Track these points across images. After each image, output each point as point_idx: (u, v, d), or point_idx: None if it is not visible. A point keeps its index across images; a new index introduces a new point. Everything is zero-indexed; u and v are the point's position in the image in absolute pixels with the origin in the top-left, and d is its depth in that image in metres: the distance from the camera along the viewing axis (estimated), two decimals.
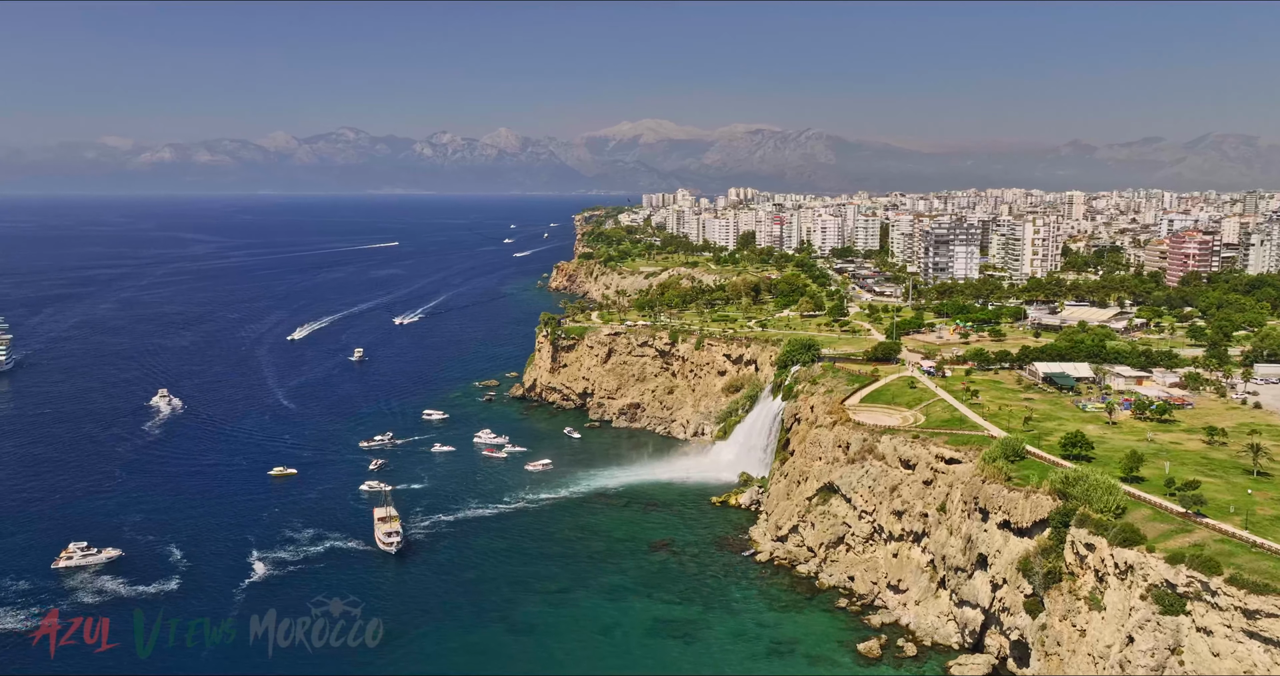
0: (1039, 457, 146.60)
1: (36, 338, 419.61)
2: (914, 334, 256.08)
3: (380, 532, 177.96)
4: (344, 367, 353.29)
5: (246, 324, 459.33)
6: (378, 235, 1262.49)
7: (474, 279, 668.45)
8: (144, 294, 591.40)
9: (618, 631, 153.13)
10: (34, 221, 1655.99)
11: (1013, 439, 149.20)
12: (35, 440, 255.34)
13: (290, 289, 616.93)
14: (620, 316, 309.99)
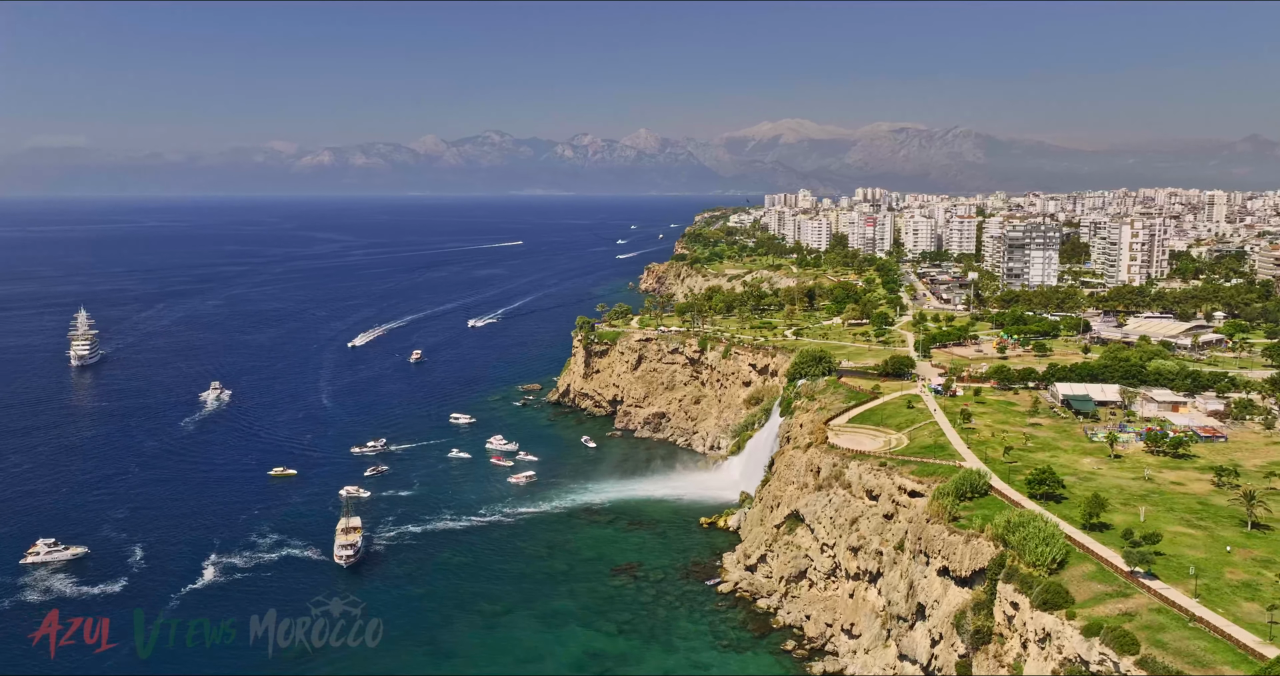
0: (1002, 495, 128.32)
1: (134, 332, 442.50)
2: (951, 347, 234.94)
3: (337, 544, 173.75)
4: (399, 369, 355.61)
5: (329, 322, 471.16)
6: (504, 235, 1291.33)
7: (570, 280, 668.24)
8: (252, 291, 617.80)
9: (543, 662, 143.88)
10: (189, 221, 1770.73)
11: (973, 473, 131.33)
12: (77, 432, 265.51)
13: (390, 288, 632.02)
14: (656, 321, 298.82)
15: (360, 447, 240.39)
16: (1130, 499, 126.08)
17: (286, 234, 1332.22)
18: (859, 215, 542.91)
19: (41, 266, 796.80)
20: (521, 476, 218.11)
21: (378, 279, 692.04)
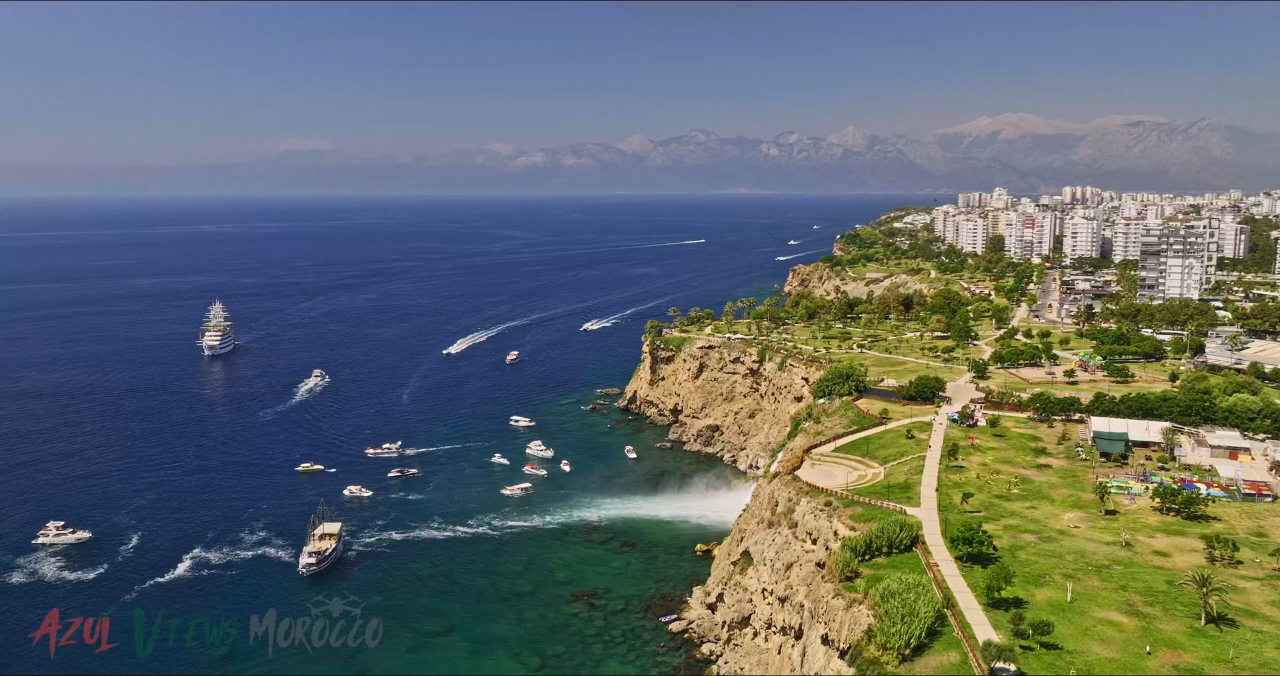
0: (925, 555, 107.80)
1: (278, 323, 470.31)
2: (1022, 367, 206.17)
3: (305, 551, 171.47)
4: (493, 368, 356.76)
5: (459, 318, 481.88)
6: (688, 233, 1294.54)
7: (718, 281, 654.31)
8: (408, 286, 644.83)
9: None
10: (397, 219, 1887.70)
11: (896, 524, 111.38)
12: (162, 419, 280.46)
13: (538, 286, 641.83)
14: (729, 328, 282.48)
15: (376, 450, 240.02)
16: (1080, 570, 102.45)
17: (477, 231, 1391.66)
18: (1017, 216, 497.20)
19: (237, 259, 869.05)
20: (516, 488, 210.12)
21: (533, 276, 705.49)
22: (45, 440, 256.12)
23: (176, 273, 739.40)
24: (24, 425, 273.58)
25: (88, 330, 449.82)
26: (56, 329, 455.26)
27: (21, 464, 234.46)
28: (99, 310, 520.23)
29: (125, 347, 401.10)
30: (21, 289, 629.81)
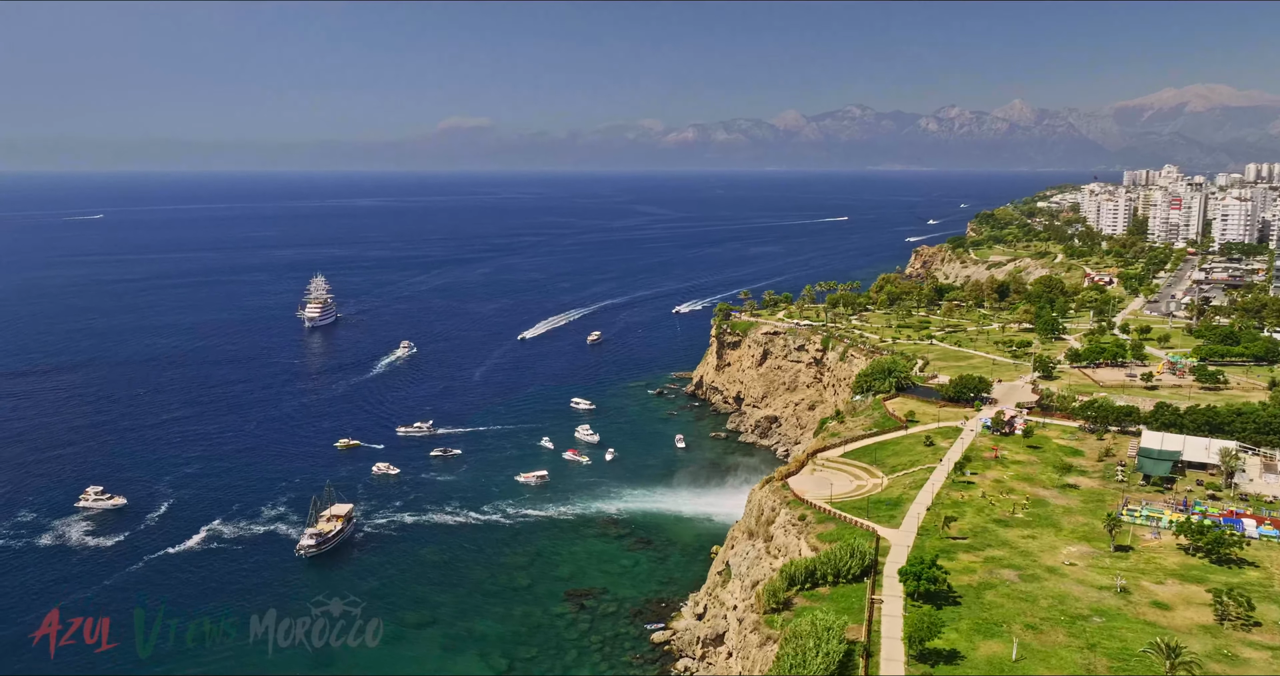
0: (872, 589, 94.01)
1: (385, 296, 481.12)
2: (1102, 367, 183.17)
3: (306, 532, 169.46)
4: (574, 347, 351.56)
5: (560, 295, 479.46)
6: (832, 210, 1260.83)
7: (839, 261, 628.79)
8: (525, 261, 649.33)
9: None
10: (537, 193, 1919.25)
11: (845, 550, 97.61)
12: (243, 391, 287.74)
13: (652, 263, 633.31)
14: (802, 312, 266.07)
15: (406, 428, 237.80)
16: (1050, 620, 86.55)
17: (611, 206, 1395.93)
18: (1163, 196, 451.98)
19: (374, 233, 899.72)
20: (533, 475, 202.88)
21: (650, 253, 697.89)
22: (127, 405, 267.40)
23: (313, 244, 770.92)
24: (116, 389, 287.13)
25: (210, 299, 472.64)
26: (183, 297, 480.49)
27: (95, 426, 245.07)
28: (228, 279, 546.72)
29: (238, 316, 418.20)
30: (167, 258, 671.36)
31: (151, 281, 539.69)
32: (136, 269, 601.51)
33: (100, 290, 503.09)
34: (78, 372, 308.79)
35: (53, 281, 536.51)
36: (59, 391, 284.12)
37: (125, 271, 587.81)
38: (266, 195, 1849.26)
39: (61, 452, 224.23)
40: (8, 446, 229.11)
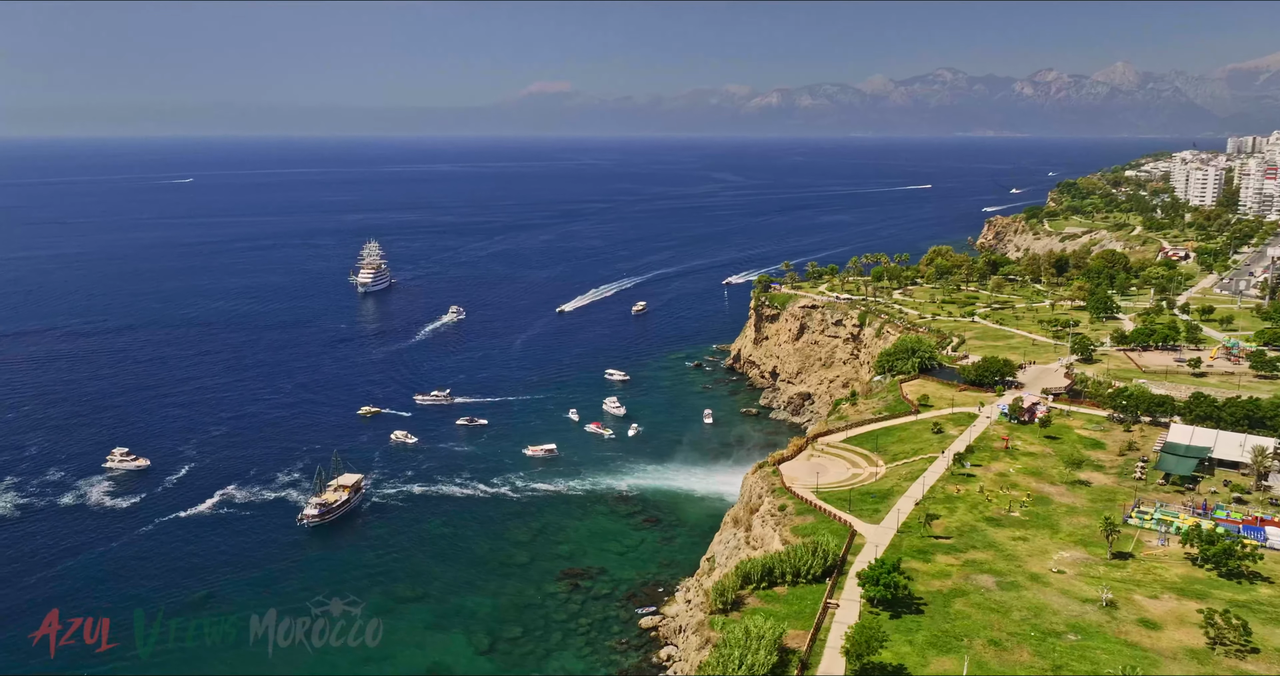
0: (829, 593, 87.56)
1: (441, 262, 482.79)
2: (1148, 350, 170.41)
3: (310, 501, 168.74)
4: (618, 318, 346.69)
5: (614, 263, 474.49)
6: (914, 178, 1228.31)
7: (910, 231, 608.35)
8: (588, 228, 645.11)
9: (378, 665, 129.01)
10: (614, 159, 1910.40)
11: (805, 549, 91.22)
12: (286, 355, 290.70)
13: (714, 232, 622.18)
14: (844, 285, 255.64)
15: (424, 396, 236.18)
16: (1018, 636, 79.29)
17: (686, 173, 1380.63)
18: (1256, 165, 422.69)
19: (445, 198, 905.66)
20: (540, 449, 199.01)
21: (715, 221, 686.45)
22: (172, 368, 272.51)
23: (385, 209, 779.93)
24: (167, 351, 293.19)
25: (275, 262, 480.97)
26: (251, 260, 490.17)
27: (138, 388, 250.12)
28: (296, 244, 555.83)
29: (298, 281, 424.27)
30: (243, 221, 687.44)
31: (223, 245, 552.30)
32: (213, 232, 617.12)
33: (173, 253, 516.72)
34: (135, 334, 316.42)
35: (133, 243, 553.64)
36: (113, 353, 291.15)
37: (201, 234, 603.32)
38: (349, 160, 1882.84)
39: (102, 413, 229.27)
40: (54, 405, 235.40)
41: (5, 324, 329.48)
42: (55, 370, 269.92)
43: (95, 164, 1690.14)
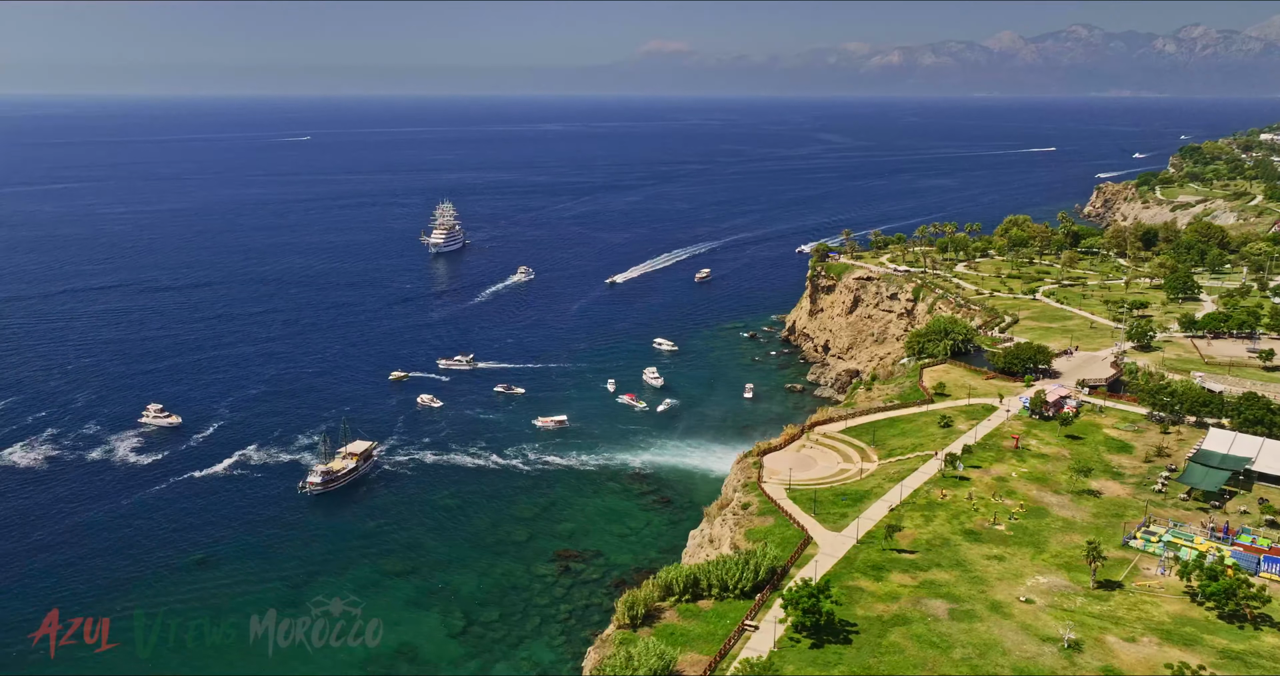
0: (753, 612, 78.72)
1: (519, 223, 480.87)
2: (1219, 337, 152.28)
3: (314, 469, 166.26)
4: (681, 284, 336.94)
5: (696, 226, 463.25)
6: (1036, 140, 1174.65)
7: (1013, 195, 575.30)
8: (678, 190, 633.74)
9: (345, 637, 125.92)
10: (724, 120, 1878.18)
11: (733, 561, 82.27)
12: (346, 317, 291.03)
13: (808, 195, 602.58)
14: (906, 256, 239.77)
15: (447, 361, 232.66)
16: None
17: (792, 134, 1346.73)
18: None
19: (545, 158, 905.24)
20: (550, 420, 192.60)
21: (812, 185, 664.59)
22: (233, 324, 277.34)
23: (481, 168, 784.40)
24: (234, 308, 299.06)
25: (362, 220, 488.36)
26: (340, 217, 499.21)
27: (194, 343, 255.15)
28: (386, 202, 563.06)
29: (378, 239, 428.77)
30: (344, 178, 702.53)
31: (318, 201, 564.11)
32: (310, 189, 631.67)
33: (269, 210, 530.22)
34: (210, 290, 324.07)
35: (234, 200, 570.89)
36: (184, 308, 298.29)
37: (299, 192, 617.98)
38: (459, 119, 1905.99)
39: (154, 368, 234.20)
40: (113, 359, 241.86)
41: (95, 278, 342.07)
42: (125, 324, 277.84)
43: (224, 122, 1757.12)
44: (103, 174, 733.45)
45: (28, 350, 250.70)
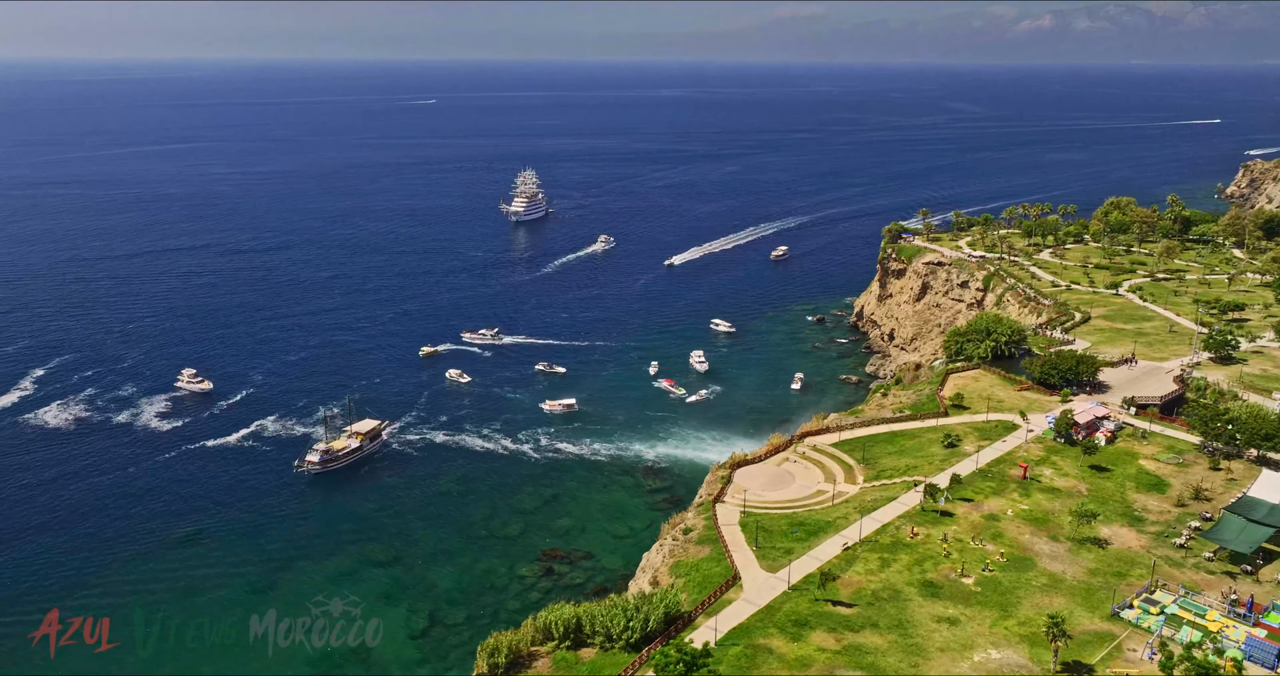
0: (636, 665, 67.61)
1: (612, 192, 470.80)
2: None
3: (312, 448, 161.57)
4: (756, 261, 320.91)
5: (790, 200, 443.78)
6: (1196, 112, 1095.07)
7: (1148, 172, 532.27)
8: (781, 159, 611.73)
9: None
10: (844, 87, 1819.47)
11: (615, 609, 71.13)
12: (413, 281, 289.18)
13: (920, 168, 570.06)
14: (985, 240, 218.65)
15: (471, 333, 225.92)
16: None
17: (919, 102, 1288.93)
18: None
19: (650, 125, 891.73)
20: (558, 404, 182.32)
21: (923, 157, 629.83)
22: (300, 289, 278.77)
23: (584, 135, 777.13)
24: (304, 272, 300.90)
25: (452, 186, 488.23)
26: (432, 182, 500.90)
27: (255, 308, 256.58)
28: (481, 167, 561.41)
29: (460, 206, 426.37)
30: (447, 142, 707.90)
31: (415, 166, 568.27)
32: (413, 153, 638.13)
33: (366, 172, 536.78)
34: (286, 253, 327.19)
35: (336, 162, 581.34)
36: (256, 271, 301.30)
37: (401, 155, 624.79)
38: (575, 84, 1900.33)
39: (207, 331, 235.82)
40: (172, 320, 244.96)
41: (183, 238, 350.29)
42: (195, 287, 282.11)
43: (357, 85, 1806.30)
44: (221, 135, 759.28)
45: (100, 308, 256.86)
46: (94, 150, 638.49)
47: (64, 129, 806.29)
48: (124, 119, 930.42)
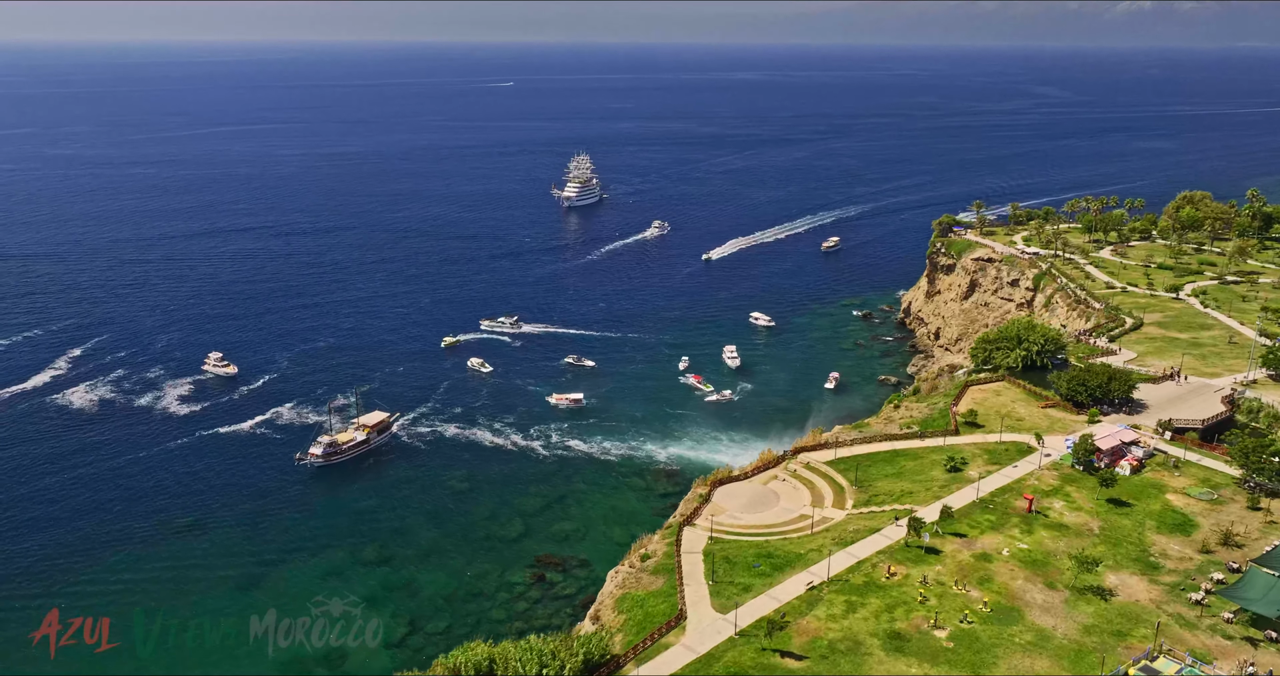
0: None
1: (672, 177, 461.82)
2: None
3: (316, 440, 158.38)
4: (808, 252, 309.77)
5: (856, 187, 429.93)
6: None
7: (1243, 164, 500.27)
8: (851, 145, 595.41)
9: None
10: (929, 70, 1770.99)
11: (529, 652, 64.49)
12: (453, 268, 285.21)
13: (991, 155, 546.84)
14: (1042, 235, 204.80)
15: (490, 321, 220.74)
16: None
17: (1003, 87, 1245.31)
18: None
19: (722, 107, 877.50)
20: (565, 398, 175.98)
21: (999, 144, 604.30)
22: (343, 272, 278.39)
23: (651, 118, 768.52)
24: (352, 254, 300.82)
25: (509, 170, 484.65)
26: (491, 166, 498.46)
27: (294, 292, 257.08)
28: (541, 150, 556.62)
29: (515, 190, 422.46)
30: (512, 125, 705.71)
31: (478, 149, 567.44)
32: (482, 135, 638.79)
33: (429, 156, 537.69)
34: (338, 236, 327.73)
35: (401, 145, 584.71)
36: (304, 254, 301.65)
37: (467, 138, 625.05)
38: (651, 67, 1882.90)
39: (243, 315, 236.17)
40: (212, 302, 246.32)
41: (241, 219, 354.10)
42: (243, 268, 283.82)
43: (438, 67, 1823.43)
44: (295, 117, 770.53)
45: (147, 289, 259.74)
46: (177, 131, 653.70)
47: (154, 110, 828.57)
48: (210, 100, 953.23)
